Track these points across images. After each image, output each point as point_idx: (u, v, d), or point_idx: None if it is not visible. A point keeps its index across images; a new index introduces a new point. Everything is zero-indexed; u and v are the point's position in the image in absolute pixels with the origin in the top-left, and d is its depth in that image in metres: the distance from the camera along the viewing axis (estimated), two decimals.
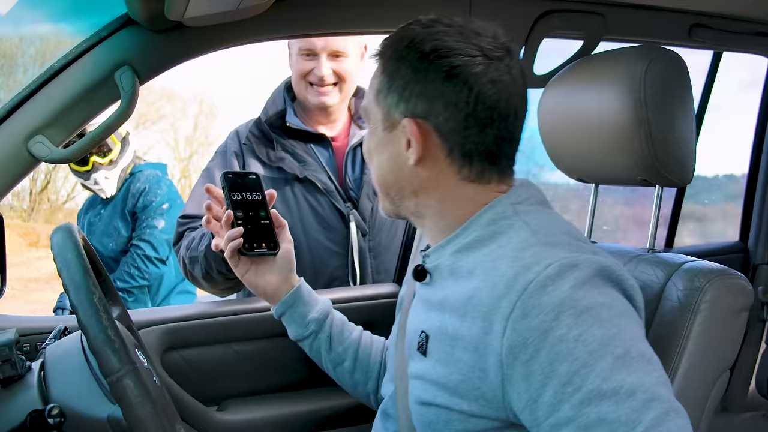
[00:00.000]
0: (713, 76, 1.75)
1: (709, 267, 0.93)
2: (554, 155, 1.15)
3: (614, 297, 0.72)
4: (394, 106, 0.81)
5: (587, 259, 0.72)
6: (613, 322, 0.69)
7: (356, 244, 1.49)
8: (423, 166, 0.81)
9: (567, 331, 0.67)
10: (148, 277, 2.24)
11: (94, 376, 0.83)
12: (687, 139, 0.99)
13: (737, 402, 1.69)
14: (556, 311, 0.68)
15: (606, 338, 0.67)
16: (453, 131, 0.79)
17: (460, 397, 0.76)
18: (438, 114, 0.79)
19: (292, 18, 1.16)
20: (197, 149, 10.25)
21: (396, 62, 0.81)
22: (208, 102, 10.40)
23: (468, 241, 0.81)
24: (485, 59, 0.78)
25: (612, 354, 0.66)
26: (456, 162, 0.81)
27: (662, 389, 0.67)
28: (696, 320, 0.90)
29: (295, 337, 1.14)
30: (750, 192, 1.82)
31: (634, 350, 0.68)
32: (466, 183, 0.82)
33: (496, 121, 0.79)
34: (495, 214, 0.81)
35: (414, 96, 0.79)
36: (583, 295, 0.69)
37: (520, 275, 0.71)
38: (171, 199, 2.34)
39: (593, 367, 0.66)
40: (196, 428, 1.28)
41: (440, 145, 0.80)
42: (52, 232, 0.81)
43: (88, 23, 1.07)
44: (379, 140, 0.85)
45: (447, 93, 0.78)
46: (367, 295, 1.46)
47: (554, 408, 0.67)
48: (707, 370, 0.92)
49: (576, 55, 1.37)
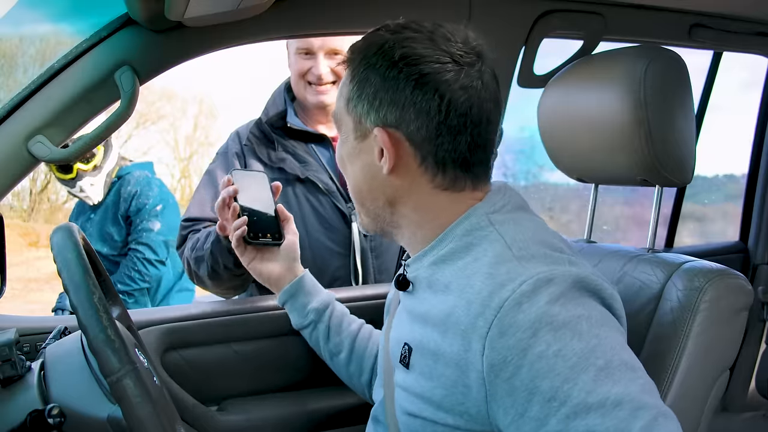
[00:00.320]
0: (713, 76, 1.75)
1: (709, 267, 0.93)
2: (554, 155, 1.15)
3: (592, 307, 0.71)
4: (364, 115, 0.80)
5: (563, 272, 0.71)
6: (593, 333, 0.68)
7: (358, 244, 1.49)
8: (396, 175, 0.80)
9: (546, 347, 0.67)
10: (148, 280, 2.24)
11: (94, 376, 0.83)
12: (687, 139, 0.99)
13: (737, 402, 1.69)
14: (534, 328, 0.67)
15: (586, 351, 0.67)
16: (425, 140, 0.78)
17: (445, 412, 0.75)
18: (409, 123, 0.77)
19: (292, 18, 1.16)
20: (197, 149, 10.26)
21: (365, 70, 0.79)
22: (208, 102, 10.40)
23: (443, 253, 0.80)
24: (456, 65, 0.77)
25: (594, 366, 0.66)
26: (429, 170, 0.79)
27: (648, 396, 0.67)
28: (696, 320, 0.90)
29: (296, 325, 1.18)
30: (750, 192, 1.82)
31: (616, 360, 0.67)
32: (439, 191, 0.81)
33: (469, 128, 0.78)
34: (470, 225, 0.80)
35: (384, 105, 0.78)
36: (559, 310, 0.68)
37: (494, 293, 0.70)
38: (164, 199, 2.32)
39: (576, 381, 0.65)
40: (196, 428, 1.28)
41: (413, 154, 0.79)
42: (52, 232, 0.81)
43: (88, 23, 1.07)
44: (351, 149, 0.84)
45: (417, 101, 0.76)
46: (367, 295, 1.46)
47: (541, 423, 0.67)
48: (707, 369, 0.92)
49: (576, 55, 1.37)
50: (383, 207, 0.84)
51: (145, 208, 2.27)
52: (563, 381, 0.65)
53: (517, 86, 1.40)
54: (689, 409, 0.92)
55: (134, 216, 2.27)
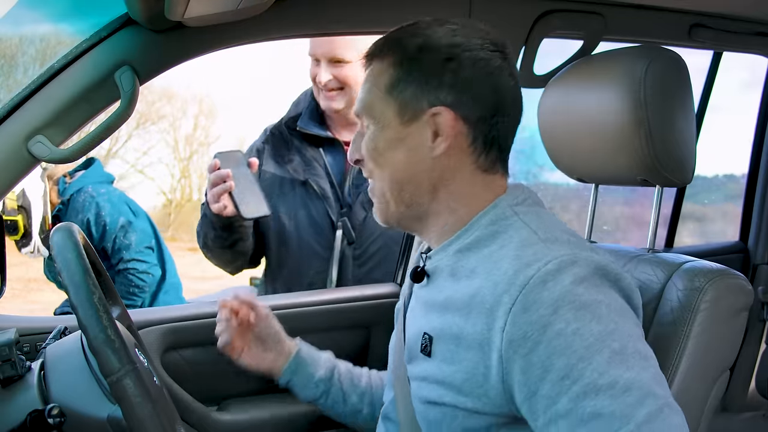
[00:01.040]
0: (713, 76, 1.75)
1: (709, 267, 0.93)
2: (554, 155, 1.15)
3: (612, 296, 0.74)
4: (419, 96, 0.82)
5: (586, 257, 0.74)
6: (611, 319, 0.70)
7: (338, 251, 1.50)
8: (446, 154, 0.83)
9: (565, 325, 0.69)
10: (148, 289, 2.22)
11: (94, 376, 0.83)
12: (687, 139, 0.99)
13: (737, 402, 1.69)
14: (556, 306, 0.70)
15: (603, 334, 0.69)
16: (480, 119, 0.82)
17: (465, 396, 0.77)
18: (465, 103, 0.82)
19: (292, 18, 1.16)
20: (197, 149, 10.26)
21: (417, 52, 0.82)
22: (208, 102, 10.40)
23: (469, 241, 0.83)
24: (501, 55, 0.84)
25: (609, 349, 0.68)
26: (477, 150, 0.83)
27: (657, 386, 0.68)
28: (696, 320, 0.90)
29: (307, 398, 1.13)
30: (750, 192, 1.82)
31: (630, 347, 0.69)
32: (479, 173, 0.84)
33: (513, 112, 0.85)
34: (495, 215, 0.83)
35: (441, 86, 0.81)
36: (582, 291, 0.71)
37: (520, 272, 0.73)
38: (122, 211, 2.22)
39: (590, 362, 0.67)
40: (196, 428, 1.28)
41: (465, 134, 0.83)
42: (52, 232, 0.81)
43: (88, 23, 1.07)
44: (392, 135, 0.84)
45: (475, 83, 0.81)
46: (367, 295, 1.46)
47: (552, 401, 0.69)
48: (707, 370, 0.92)
49: (576, 55, 1.37)
50: (425, 193, 0.85)
51: (109, 231, 2.18)
52: (578, 359, 0.68)
53: None
54: (689, 409, 0.91)
55: (103, 242, 2.19)
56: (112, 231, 2.19)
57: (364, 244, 1.52)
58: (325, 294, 1.44)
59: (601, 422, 0.66)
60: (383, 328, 1.47)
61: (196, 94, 10.26)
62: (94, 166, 2.34)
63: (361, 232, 1.51)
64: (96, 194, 2.22)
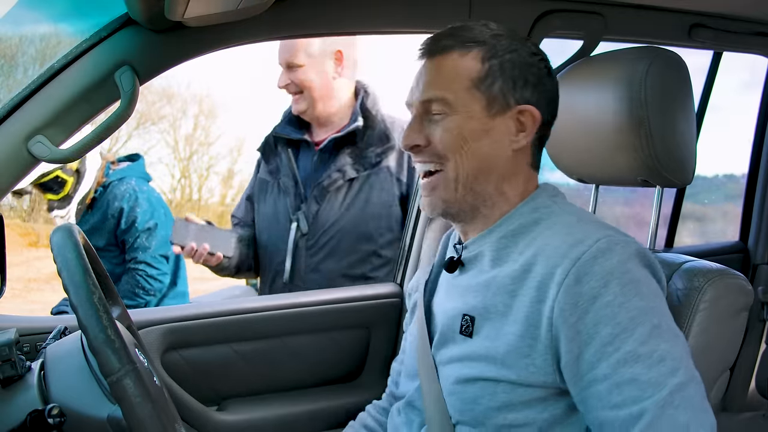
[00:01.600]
0: (713, 76, 1.75)
1: (709, 267, 0.93)
2: (554, 155, 1.15)
3: (648, 276, 0.81)
4: (507, 92, 0.88)
5: (629, 241, 0.81)
6: (651, 297, 0.78)
7: (291, 242, 1.61)
8: (521, 151, 0.91)
9: (613, 298, 0.76)
10: (153, 293, 2.21)
11: (94, 376, 0.83)
12: (687, 140, 0.99)
13: (737, 402, 1.69)
14: (606, 279, 0.77)
15: (646, 309, 0.76)
16: (548, 121, 0.92)
17: (509, 368, 0.82)
18: (541, 104, 0.90)
19: (292, 18, 1.16)
20: (197, 149, 10.26)
21: (508, 53, 0.89)
22: (208, 102, 10.41)
23: (514, 227, 0.89)
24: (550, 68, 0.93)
25: (650, 323, 0.75)
26: (534, 149, 0.93)
27: (687, 360, 0.76)
28: (695, 320, 0.90)
29: None
30: (750, 192, 1.82)
31: (665, 324, 0.77)
32: (530, 169, 0.93)
33: (556, 116, 0.94)
34: (536, 204, 0.91)
35: (527, 86, 0.89)
36: (630, 268, 0.78)
37: (574, 247, 0.80)
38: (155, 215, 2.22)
39: (633, 332, 0.75)
40: (196, 428, 1.28)
41: (535, 132, 0.91)
42: (52, 232, 0.81)
43: (88, 23, 1.07)
44: (479, 126, 0.88)
45: (549, 88, 0.91)
46: (367, 295, 1.46)
47: (593, 365, 0.76)
48: (707, 369, 0.92)
49: (576, 55, 1.37)
50: (493, 182, 0.90)
51: (135, 228, 2.18)
52: (622, 330, 0.75)
53: None
54: None
55: (125, 236, 2.19)
56: (138, 229, 2.19)
57: (315, 235, 1.61)
58: (325, 294, 1.44)
59: (637, 387, 0.73)
60: (383, 328, 1.47)
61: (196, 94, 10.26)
62: (139, 161, 2.35)
63: (313, 224, 1.61)
64: (138, 189, 2.23)
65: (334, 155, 1.63)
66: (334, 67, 1.64)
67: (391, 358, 1.50)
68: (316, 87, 1.63)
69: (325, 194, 1.60)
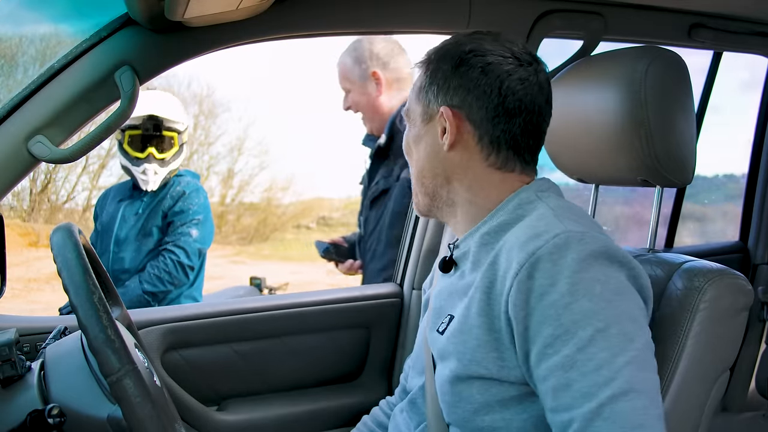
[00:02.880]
0: (713, 76, 1.75)
1: (709, 267, 0.93)
2: (554, 155, 1.15)
3: (612, 275, 0.77)
4: (433, 100, 0.91)
5: (594, 237, 0.78)
6: (604, 298, 0.74)
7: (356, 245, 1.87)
8: (455, 151, 0.90)
9: (559, 297, 0.74)
10: (177, 284, 2.21)
11: (94, 376, 0.83)
12: (687, 140, 0.99)
13: (737, 402, 1.69)
14: (555, 277, 0.74)
15: (593, 311, 0.73)
16: (484, 119, 0.88)
17: (478, 363, 0.81)
18: (472, 104, 0.88)
19: (292, 18, 1.16)
20: (197, 149, 10.25)
21: (437, 61, 0.91)
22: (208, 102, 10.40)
23: (496, 224, 0.88)
24: (516, 61, 0.89)
25: (593, 327, 0.72)
26: (485, 149, 0.89)
27: (629, 369, 0.71)
28: (695, 320, 0.90)
29: None
30: (750, 192, 1.82)
31: (615, 328, 0.73)
32: (492, 170, 0.90)
33: (522, 114, 0.88)
34: (520, 200, 0.89)
35: (452, 89, 0.89)
36: (582, 268, 0.75)
37: (532, 240, 0.78)
38: (205, 212, 2.31)
39: (573, 336, 0.72)
40: (196, 428, 1.28)
41: (472, 132, 0.89)
42: (52, 232, 0.81)
43: (88, 23, 1.07)
44: (417, 132, 0.94)
45: (481, 85, 0.87)
46: (367, 295, 1.47)
47: (536, 365, 0.75)
48: (707, 370, 0.92)
49: (576, 55, 1.37)
50: (441, 184, 0.93)
51: (188, 213, 2.25)
52: (564, 332, 0.73)
53: None
54: (689, 409, 0.92)
55: (175, 217, 2.24)
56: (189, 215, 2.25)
57: (365, 239, 1.80)
58: (325, 294, 1.44)
59: (569, 394, 0.72)
60: (383, 328, 1.47)
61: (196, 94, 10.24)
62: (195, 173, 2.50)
63: (365, 229, 1.80)
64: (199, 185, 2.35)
65: (376, 167, 1.82)
66: (375, 87, 1.81)
67: (391, 359, 1.50)
68: (363, 107, 1.83)
69: (370, 203, 1.79)
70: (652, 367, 0.75)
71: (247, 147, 10.35)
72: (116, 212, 2.30)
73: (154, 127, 2.20)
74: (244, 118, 11.66)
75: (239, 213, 10.23)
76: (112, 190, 2.44)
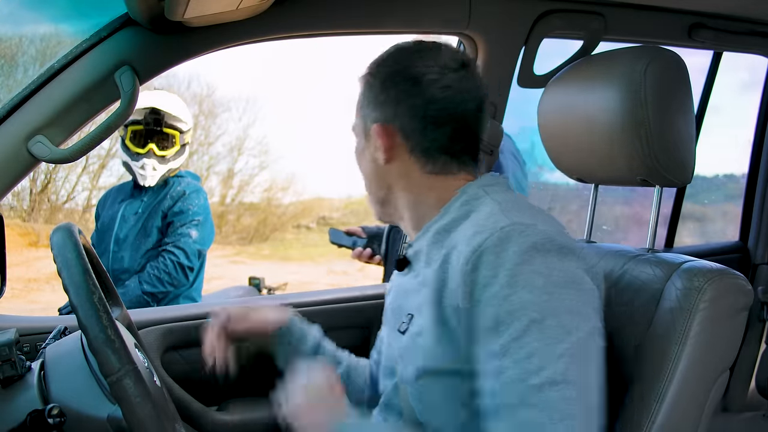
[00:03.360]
0: (713, 76, 1.75)
1: (709, 267, 0.93)
2: (554, 155, 1.15)
3: (556, 267, 0.77)
4: (368, 116, 0.93)
5: (538, 229, 0.79)
6: (545, 290, 0.75)
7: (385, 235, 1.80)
8: (393, 163, 0.92)
9: (500, 289, 0.75)
10: (176, 285, 2.20)
11: (94, 376, 0.83)
12: (686, 139, 0.99)
13: (737, 402, 1.69)
14: (496, 269, 0.76)
15: (529, 303, 0.74)
16: (414, 131, 0.90)
17: (439, 359, 0.82)
18: (401, 117, 0.90)
19: (292, 18, 1.16)
20: (197, 149, 10.24)
21: (371, 76, 0.93)
22: (208, 102, 10.40)
23: (445, 222, 0.89)
24: (442, 69, 0.89)
25: (528, 318, 0.74)
26: (420, 158, 0.91)
27: (563, 361, 0.73)
28: (695, 320, 0.90)
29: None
30: (750, 192, 1.82)
31: (553, 320, 0.74)
32: (431, 176, 0.92)
33: (450, 122, 0.90)
34: (468, 196, 0.90)
35: (381, 105, 0.91)
36: (523, 260, 0.76)
37: (477, 235, 0.80)
38: (205, 213, 2.31)
39: (509, 326, 0.74)
40: (196, 428, 1.28)
41: (404, 144, 0.91)
42: (52, 232, 0.81)
43: (88, 23, 1.07)
44: (360, 147, 0.97)
45: (407, 98, 0.89)
46: (367, 295, 1.47)
47: (476, 353, 0.77)
48: (706, 370, 0.92)
49: (576, 55, 1.37)
50: (387, 193, 0.96)
51: (187, 213, 2.24)
52: (500, 323, 0.75)
53: (517, 86, 1.40)
54: (689, 409, 0.92)
55: (174, 217, 2.23)
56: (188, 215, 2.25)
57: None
58: (325, 294, 1.44)
59: (499, 381, 0.74)
60: None
61: (196, 94, 10.25)
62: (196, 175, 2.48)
63: None
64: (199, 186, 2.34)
65: None
66: None
67: None
68: None
69: None
70: (590, 360, 0.75)
71: (247, 147, 10.34)
72: (116, 212, 2.30)
73: (155, 122, 2.19)
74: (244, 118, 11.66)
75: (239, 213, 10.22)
76: (114, 190, 2.43)
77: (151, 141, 2.21)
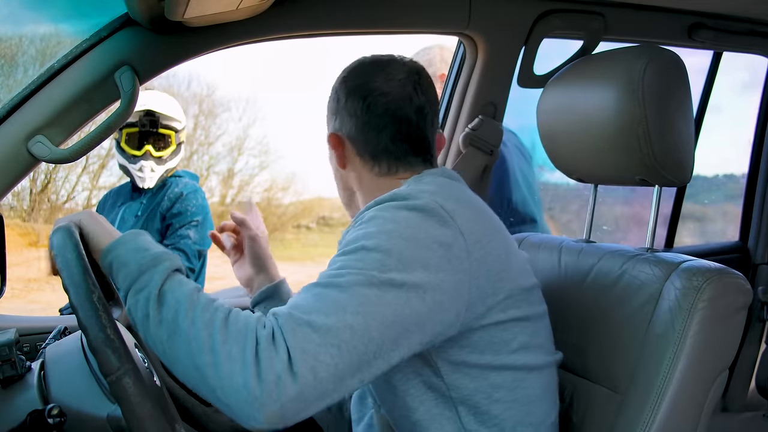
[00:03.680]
0: (713, 76, 1.75)
1: (708, 266, 0.93)
2: (553, 155, 1.15)
3: (414, 225, 0.80)
4: (329, 126, 1.02)
5: (423, 200, 0.83)
6: (391, 235, 0.79)
7: None
8: (348, 169, 1.01)
9: (360, 225, 0.83)
10: None
11: (94, 375, 0.83)
12: (685, 139, 0.99)
13: (737, 402, 1.69)
14: (365, 215, 0.83)
15: (370, 235, 0.79)
16: (358, 137, 0.97)
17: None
18: (346, 125, 0.98)
19: (292, 18, 1.16)
20: (197, 149, 10.25)
21: (331, 91, 1.01)
22: (208, 102, 10.41)
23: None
24: (385, 78, 0.96)
25: (360, 245, 0.78)
26: (367, 162, 0.98)
27: (364, 287, 0.74)
28: (694, 319, 0.90)
29: None
30: (750, 192, 1.82)
31: (379, 255, 0.76)
32: (379, 177, 0.98)
33: (389, 125, 0.95)
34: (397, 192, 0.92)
35: (334, 114, 1.00)
36: (389, 210, 0.82)
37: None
38: (204, 213, 2.29)
39: (346, 248, 0.79)
40: (196, 428, 1.28)
41: (353, 151, 0.99)
42: (51, 232, 0.81)
43: (88, 23, 1.07)
44: (328, 155, 1.05)
45: (349, 107, 0.97)
46: None
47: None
48: (706, 369, 0.92)
49: (576, 55, 1.37)
50: (349, 195, 1.05)
51: (186, 215, 2.23)
52: (343, 247, 0.81)
53: (517, 86, 1.40)
54: (688, 409, 0.92)
55: (173, 219, 2.23)
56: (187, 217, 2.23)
57: None
58: None
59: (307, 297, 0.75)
60: None
61: (196, 94, 10.25)
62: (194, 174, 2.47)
63: None
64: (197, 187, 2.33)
65: None
66: None
67: None
68: None
69: None
70: (389, 307, 0.74)
71: (247, 147, 10.34)
72: (116, 215, 2.30)
73: (150, 123, 2.19)
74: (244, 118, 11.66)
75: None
76: (113, 192, 2.43)
77: (147, 143, 2.20)
